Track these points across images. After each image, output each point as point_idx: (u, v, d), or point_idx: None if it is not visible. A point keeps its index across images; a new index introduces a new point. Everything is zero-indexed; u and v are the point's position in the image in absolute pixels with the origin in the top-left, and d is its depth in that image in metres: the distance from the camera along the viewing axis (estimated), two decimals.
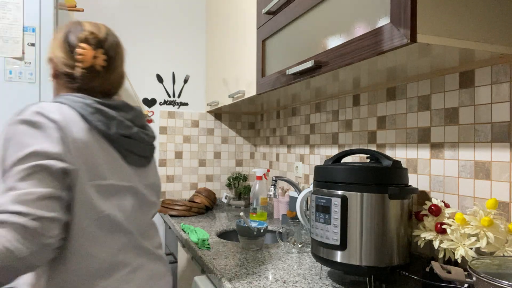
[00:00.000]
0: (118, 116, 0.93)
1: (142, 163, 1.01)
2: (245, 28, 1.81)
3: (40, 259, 0.76)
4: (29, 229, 0.73)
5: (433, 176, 1.22)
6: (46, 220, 0.75)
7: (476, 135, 1.08)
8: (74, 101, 0.89)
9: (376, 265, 1.01)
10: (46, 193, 0.77)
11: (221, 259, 1.33)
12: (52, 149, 0.79)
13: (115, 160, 0.92)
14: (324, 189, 1.08)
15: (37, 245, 0.74)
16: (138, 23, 2.45)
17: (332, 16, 1.10)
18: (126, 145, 0.95)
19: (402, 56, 0.99)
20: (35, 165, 0.77)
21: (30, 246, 0.73)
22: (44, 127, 0.81)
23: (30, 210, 0.74)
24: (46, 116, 0.82)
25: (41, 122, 0.81)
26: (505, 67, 1.01)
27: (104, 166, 0.89)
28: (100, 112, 0.90)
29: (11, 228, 0.72)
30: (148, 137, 1.02)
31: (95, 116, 0.89)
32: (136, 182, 0.98)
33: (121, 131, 0.93)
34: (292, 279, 1.13)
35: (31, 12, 1.56)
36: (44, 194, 0.76)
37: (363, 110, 1.55)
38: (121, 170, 0.93)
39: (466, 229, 0.94)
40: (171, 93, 2.52)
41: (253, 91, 1.69)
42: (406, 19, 0.81)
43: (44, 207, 0.76)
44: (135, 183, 0.97)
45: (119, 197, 0.92)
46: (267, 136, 2.50)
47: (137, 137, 0.98)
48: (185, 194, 2.54)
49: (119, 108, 0.96)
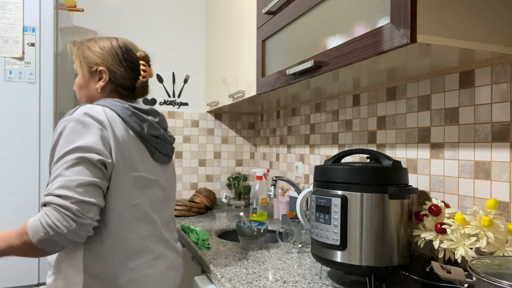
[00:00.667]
0: (149, 119, 1.09)
1: (165, 160, 1.15)
2: (245, 28, 1.81)
3: (78, 236, 0.89)
4: (69, 210, 0.87)
5: (433, 176, 1.22)
6: (84, 203, 0.89)
7: (476, 135, 1.08)
8: (115, 105, 1.04)
9: (376, 265, 1.01)
10: (87, 181, 0.90)
11: (221, 259, 1.33)
12: (94, 144, 0.93)
13: (146, 156, 1.07)
14: (324, 189, 1.08)
15: (74, 224, 0.87)
16: (138, 23, 2.45)
17: (332, 16, 1.10)
18: (155, 144, 1.10)
19: (402, 56, 0.99)
20: (78, 157, 0.91)
21: (68, 225, 0.87)
22: (90, 125, 0.95)
23: (71, 194, 0.88)
24: (93, 116, 0.96)
25: (88, 121, 0.96)
26: (505, 67, 1.01)
27: (138, 161, 1.03)
28: (136, 115, 1.05)
29: (54, 208, 0.87)
30: (171, 139, 1.18)
31: (132, 118, 1.04)
32: (160, 176, 1.12)
33: (152, 132, 1.08)
34: (292, 279, 1.13)
35: (31, 12, 1.56)
36: (85, 182, 0.90)
37: (363, 110, 1.55)
38: (150, 165, 1.08)
39: (466, 229, 0.94)
40: (171, 93, 2.52)
41: (253, 91, 1.69)
42: (406, 19, 0.81)
43: (84, 193, 0.89)
44: (160, 177, 1.11)
45: (149, 188, 1.06)
46: (267, 136, 2.50)
47: (163, 138, 1.13)
48: (185, 194, 2.54)
49: (149, 112, 1.12)
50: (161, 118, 1.17)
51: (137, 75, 1.15)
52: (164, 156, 1.14)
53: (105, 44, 1.13)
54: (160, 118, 1.16)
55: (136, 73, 1.15)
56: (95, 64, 1.11)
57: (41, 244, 0.88)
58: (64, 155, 0.92)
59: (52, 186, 0.90)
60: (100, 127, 0.97)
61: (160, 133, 1.12)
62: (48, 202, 0.88)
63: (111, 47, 1.13)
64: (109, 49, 1.12)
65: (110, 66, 1.11)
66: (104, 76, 1.11)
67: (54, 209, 0.87)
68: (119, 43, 1.14)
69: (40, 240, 0.87)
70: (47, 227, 0.86)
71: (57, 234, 0.86)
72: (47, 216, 0.87)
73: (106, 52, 1.12)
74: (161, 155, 1.13)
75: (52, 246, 0.89)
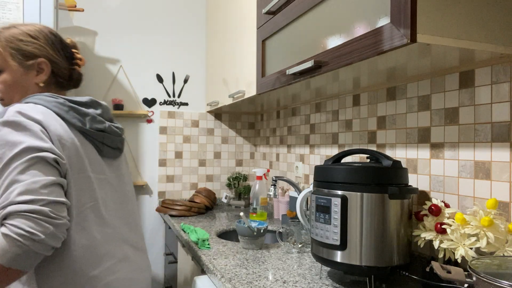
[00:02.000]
0: (90, 112, 0.98)
1: (115, 154, 1.07)
2: (245, 28, 1.81)
3: (56, 240, 0.79)
4: (41, 213, 0.76)
5: (433, 176, 1.22)
6: (56, 203, 0.79)
7: (476, 135, 1.08)
8: (47, 101, 0.92)
9: (376, 265, 1.01)
10: (49, 180, 0.80)
11: (221, 259, 1.33)
12: (42, 144, 0.83)
13: (92, 154, 0.97)
14: (324, 189, 1.08)
15: (51, 227, 0.77)
16: (138, 23, 2.45)
17: (332, 16, 1.10)
18: (101, 139, 1.00)
19: (402, 56, 0.99)
20: (31, 158, 0.80)
21: (45, 229, 0.76)
22: (29, 126, 0.84)
23: (39, 197, 0.77)
24: (29, 116, 0.85)
25: (25, 122, 0.84)
26: (505, 67, 1.01)
27: (84, 160, 0.93)
28: (73, 109, 0.94)
29: (22, 216, 0.75)
30: (119, 130, 1.08)
31: (70, 114, 0.93)
32: (109, 174, 1.03)
33: (96, 126, 0.98)
34: (292, 279, 1.13)
35: (31, 12, 1.56)
36: (48, 182, 0.80)
37: (363, 110, 1.55)
38: (98, 163, 0.98)
39: (466, 229, 0.94)
40: (171, 93, 2.52)
41: (253, 91, 1.69)
42: (406, 19, 0.81)
43: (51, 193, 0.80)
44: (110, 175, 1.03)
45: (100, 189, 0.97)
46: (267, 136, 2.50)
47: (110, 131, 1.03)
48: (185, 194, 2.54)
49: (89, 104, 1.00)
50: (103, 109, 1.05)
51: (73, 64, 1.05)
52: (114, 150, 1.05)
53: (36, 33, 0.99)
54: (102, 109, 1.04)
55: (71, 61, 1.05)
56: (33, 57, 0.97)
57: (14, 262, 0.74)
58: (12, 160, 0.80)
59: (10, 195, 0.76)
60: (40, 127, 0.85)
61: (105, 126, 1.01)
62: (12, 212, 0.75)
63: (45, 35, 1.00)
64: (44, 38, 0.99)
65: (50, 56, 0.99)
66: (45, 69, 0.99)
67: (23, 217, 0.75)
68: (49, 30, 1.02)
69: (12, 258, 0.74)
70: (19, 238, 0.74)
71: (34, 242, 0.75)
72: (15, 228, 0.74)
73: (42, 41, 0.99)
74: (111, 150, 1.04)
75: (28, 261, 0.76)
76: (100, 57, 2.37)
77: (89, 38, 2.35)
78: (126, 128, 2.43)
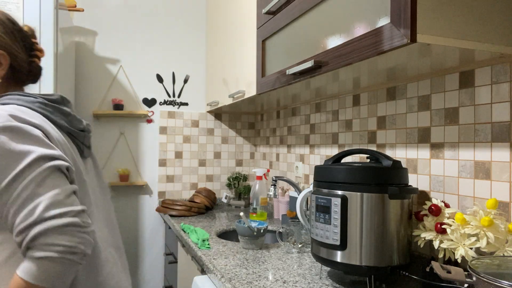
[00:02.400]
0: (70, 112, 0.90)
1: (89, 153, 0.99)
2: (245, 28, 1.81)
3: (90, 248, 0.75)
4: (74, 225, 0.72)
5: (433, 176, 1.22)
6: (81, 212, 0.74)
7: (476, 135, 1.08)
8: (27, 101, 0.82)
9: (376, 265, 1.01)
10: (69, 189, 0.75)
11: (221, 259, 1.33)
12: (53, 152, 0.75)
13: (77, 155, 0.90)
14: (324, 189, 1.08)
15: (86, 235, 0.73)
16: (138, 23, 2.45)
17: (332, 16, 1.10)
18: (82, 139, 0.93)
19: (402, 56, 0.99)
20: (46, 168, 0.73)
21: (82, 240, 0.72)
22: (31, 132, 0.75)
23: (66, 209, 0.72)
24: (25, 121, 0.76)
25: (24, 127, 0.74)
26: (505, 67, 1.01)
27: (78, 163, 0.87)
28: (57, 110, 0.86)
29: (58, 232, 0.70)
30: (89, 127, 0.99)
31: (56, 114, 0.85)
32: (91, 174, 0.97)
33: (77, 125, 0.91)
34: (292, 279, 1.13)
35: (31, 12, 1.56)
36: (68, 191, 0.75)
37: (363, 110, 1.55)
38: (81, 164, 0.91)
39: (466, 229, 0.94)
40: (171, 93, 2.52)
41: (253, 91, 1.69)
42: (406, 19, 0.81)
43: (74, 202, 0.75)
44: (89, 176, 0.96)
45: (92, 192, 0.92)
46: (267, 136, 2.50)
47: (87, 129, 0.96)
48: (185, 194, 2.54)
49: (63, 102, 0.91)
50: (71, 104, 0.95)
51: (32, 55, 0.92)
52: (88, 149, 0.98)
53: None
54: (71, 105, 0.95)
55: (30, 53, 0.92)
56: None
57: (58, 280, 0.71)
58: (23, 172, 0.71)
59: (35, 212, 0.70)
60: (41, 132, 0.77)
61: (83, 125, 0.93)
62: (46, 229, 0.69)
63: (3, 23, 0.86)
64: (2, 26, 0.86)
65: (9, 48, 0.86)
66: (3, 63, 0.85)
67: (58, 233, 0.70)
68: (7, 17, 0.87)
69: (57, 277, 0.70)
70: (63, 255, 0.70)
71: (77, 255, 0.72)
72: (54, 246, 0.69)
73: (1, 30, 0.85)
74: (86, 149, 0.96)
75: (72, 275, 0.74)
76: (100, 57, 2.37)
77: (89, 38, 2.35)
78: (126, 128, 2.43)
